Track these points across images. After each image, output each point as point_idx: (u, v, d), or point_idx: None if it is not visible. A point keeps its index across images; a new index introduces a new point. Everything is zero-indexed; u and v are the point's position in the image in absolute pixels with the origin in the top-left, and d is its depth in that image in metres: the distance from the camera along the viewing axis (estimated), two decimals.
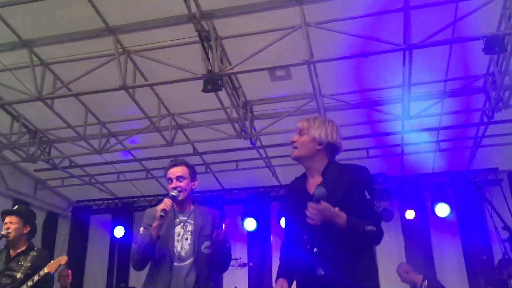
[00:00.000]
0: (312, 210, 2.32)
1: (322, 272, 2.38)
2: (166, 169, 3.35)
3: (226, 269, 3.33)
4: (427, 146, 7.27)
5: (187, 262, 3.13)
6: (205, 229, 3.21)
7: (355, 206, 2.39)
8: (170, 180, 3.29)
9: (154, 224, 3.03)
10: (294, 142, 2.61)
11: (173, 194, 3.19)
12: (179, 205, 3.31)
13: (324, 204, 2.31)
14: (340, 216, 2.33)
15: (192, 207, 3.36)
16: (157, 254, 3.14)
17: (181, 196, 3.24)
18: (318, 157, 2.58)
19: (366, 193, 2.43)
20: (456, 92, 5.78)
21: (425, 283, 6.24)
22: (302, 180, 2.68)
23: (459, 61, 5.39)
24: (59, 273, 7.45)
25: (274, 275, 7.56)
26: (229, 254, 3.30)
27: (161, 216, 3.01)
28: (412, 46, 4.62)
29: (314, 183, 2.53)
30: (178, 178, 3.27)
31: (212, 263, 3.22)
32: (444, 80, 5.75)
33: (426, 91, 5.89)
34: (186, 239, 3.20)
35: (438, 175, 8.10)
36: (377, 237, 2.41)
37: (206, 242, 3.18)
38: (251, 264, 7.60)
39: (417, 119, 6.00)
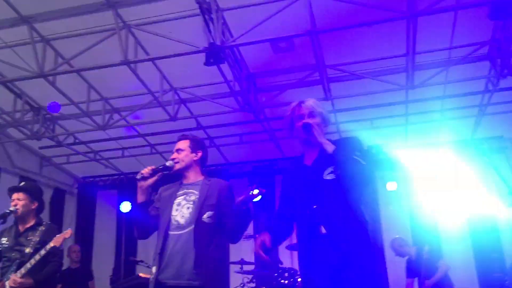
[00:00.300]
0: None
1: (324, 230, 2.61)
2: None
3: (238, 238, 3.25)
4: (431, 116, 7.24)
5: (186, 230, 3.10)
6: (209, 199, 3.18)
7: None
8: (172, 153, 3.38)
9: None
10: (307, 124, 2.80)
11: (167, 164, 3.31)
12: (184, 176, 3.36)
13: (316, 131, 2.75)
14: (329, 144, 2.71)
15: (200, 178, 3.36)
16: (159, 227, 3.23)
17: (176, 166, 3.31)
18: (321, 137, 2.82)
19: (357, 153, 2.67)
20: (461, 60, 5.72)
21: (426, 248, 6.37)
22: (300, 157, 2.96)
23: (464, 28, 5.31)
24: (69, 248, 7.58)
25: (281, 247, 7.63)
26: (245, 223, 3.20)
27: (137, 179, 3.20)
28: (416, 14, 4.56)
29: (311, 156, 2.85)
30: (177, 150, 3.37)
31: (225, 231, 3.17)
32: (449, 48, 5.68)
33: (430, 59, 5.83)
34: (188, 208, 3.18)
35: (443, 145, 8.08)
36: (367, 169, 2.64)
37: (208, 212, 3.14)
38: (257, 236, 7.65)
39: (421, 88, 5.96)
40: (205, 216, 3.12)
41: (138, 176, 3.21)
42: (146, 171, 3.23)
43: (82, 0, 4.94)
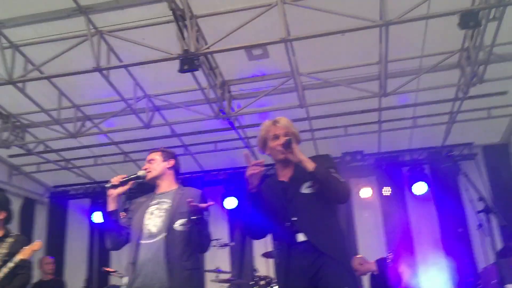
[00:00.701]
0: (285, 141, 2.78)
1: (303, 238, 2.66)
2: None
3: (205, 247, 3.23)
4: (404, 123, 7.36)
5: (158, 238, 3.08)
6: (181, 207, 3.14)
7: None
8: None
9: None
10: (290, 140, 2.80)
11: (139, 173, 3.33)
12: (157, 185, 3.37)
13: (296, 147, 2.76)
14: (309, 161, 2.71)
15: (173, 188, 3.36)
16: (131, 237, 3.22)
17: (149, 175, 3.33)
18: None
19: (332, 170, 2.76)
20: (432, 68, 5.83)
21: (390, 255, 6.41)
22: (273, 175, 3.04)
23: (434, 37, 5.42)
24: (41, 260, 7.39)
25: (256, 255, 7.62)
26: (206, 232, 3.18)
27: (107, 187, 3.23)
28: (388, 23, 4.63)
29: (286, 174, 2.91)
30: (149, 161, 3.41)
31: (192, 242, 3.14)
32: (420, 56, 5.79)
33: (402, 67, 5.93)
34: (160, 216, 3.17)
35: (415, 151, 8.24)
36: (344, 186, 2.72)
37: (180, 220, 3.10)
38: (232, 243, 7.62)
39: (394, 96, 6.06)
40: (177, 224, 3.10)
41: (108, 185, 3.22)
42: (116, 179, 3.23)
43: (53, 5, 4.85)
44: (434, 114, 7.09)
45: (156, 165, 3.37)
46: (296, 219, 2.70)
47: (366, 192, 8.26)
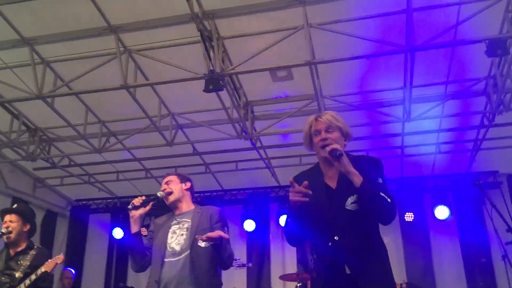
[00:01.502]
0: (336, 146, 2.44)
1: (348, 271, 2.39)
2: None
3: (227, 264, 3.24)
4: (427, 149, 7.28)
5: (182, 255, 3.14)
6: (202, 224, 3.23)
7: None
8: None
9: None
10: (324, 140, 2.55)
11: (158, 194, 3.37)
12: (176, 206, 3.42)
13: (345, 159, 2.40)
14: (357, 175, 2.39)
15: (192, 208, 3.43)
16: (153, 256, 3.25)
17: (170, 198, 3.39)
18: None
19: (380, 180, 2.45)
20: (457, 95, 5.79)
21: (404, 284, 6.29)
22: (316, 172, 2.66)
23: (460, 63, 5.40)
24: (62, 273, 7.46)
25: (273, 276, 7.56)
26: (228, 249, 3.21)
27: (128, 209, 3.24)
28: (414, 48, 4.63)
29: (332, 176, 2.56)
30: (166, 182, 3.46)
31: (215, 258, 3.18)
32: (446, 82, 5.75)
33: (427, 93, 5.89)
34: (182, 235, 3.23)
35: (438, 178, 8.11)
36: (391, 209, 2.41)
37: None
38: (250, 264, 7.58)
39: (417, 121, 6.01)
40: (200, 240, 3.13)
41: (130, 206, 3.25)
42: (137, 200, 3.27)
43: (84, 24, 5.00)
44: (458, 140, 6.99)
45: (175, 185, 3.43)
46: (337, 239, 2.43)
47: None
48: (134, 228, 3.26)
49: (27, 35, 5.13)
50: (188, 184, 3.50)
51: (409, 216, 7.91)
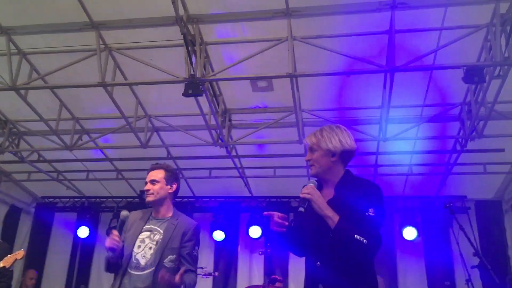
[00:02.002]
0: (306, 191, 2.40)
1: None
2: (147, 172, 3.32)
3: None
4: (400, 169, 7.37)
5: (146, 271, 3.00)
6: (173, 242, 3.08)
7: (354, 218, 2.31)
8: (145, 183, 3.24)
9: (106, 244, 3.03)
10: (309, 160, 2.55)
11: (121, 215, 3.17)
12: (154, 209, 3.25)
13: (318, 203, 2.36)
14: (332, 213, 2.32)
15: (169, 214, 3.24)
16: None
17: (149, 198, 3.19)
18: (334, 169, 2.52)
19: (371, 210, 2.33)
20: (432, 118, 5.88)
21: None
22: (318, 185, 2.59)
23: (438, 87, 5.50)
24: (26, 273, 7.27)
25: (239, 287, 7.45)
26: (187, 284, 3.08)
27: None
28: (394, 69, 4.70)
29: (328, 194, 2.49)
30: (152, 181, 3.21)
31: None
32: (422, 105, 5.85)
33: (403, 114, 5.98)
34: (150, 248, 3.07)
35: (408, 199, 8.21)
36: (368, 250, 2.29)
37: (170, 256, 3.05)
38: (216, 273, 7.48)
39: (392, 142, 6.08)
40: (166, 260, 3.04)
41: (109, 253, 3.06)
42: (109, 243, 3.03)
43: (66, 17, 4.90)
44: (431, 163, 7.11)
45: (159, 188, 3.19)
46: (319, 264, 2.38)
47: None
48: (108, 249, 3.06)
49: (5, 24, 5.00)
50: (174, 187, 3.25)
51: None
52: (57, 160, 7.68)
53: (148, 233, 3.15)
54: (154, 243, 3.08)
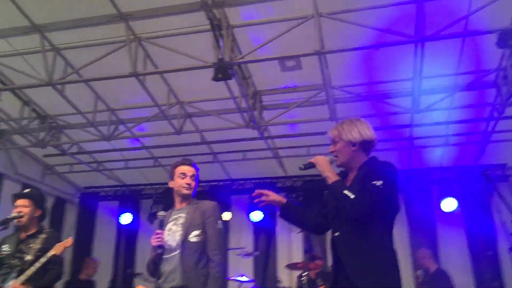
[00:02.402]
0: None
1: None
2: (178, 164, 3.61)
3: None
4: (436, 140, 7.24)
5: (176, 252, 3.32)
6: (195, 220, 3.40)
7: (359, 186, 2.61)
8: (183, 175, 3.54)
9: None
10: (333, 152, 2.86)
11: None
12: (179, 201, 3.58)
13: (322, 166, 2.77)
14: (332, 175, 2.71)
15: (190, 202, 3.56)
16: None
17: (189, 191, 3.54)
18: (356, 158, 2.82)
19: (378, 182, 2.56)
20: (467, 87, 5.75)
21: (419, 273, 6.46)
22: (342, 176, 2.86)
23: (471, 55, 5.34)
24: (88, 261, 7.77)
25: (279, 265, 7.60)
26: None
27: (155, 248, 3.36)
28: (424, 38, 4.60)
29: (350, 178, 2.82)
30: (192, 176, 3.57)
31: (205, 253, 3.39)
32: (455, 74, 5.71)
33: (436, 84, 5.86)
34: (177, 231, 3.40)
35: (446, 169, 8.07)
36: (354, 205, 2.54)
37: (195, 231, 3.36)
38: (257, 253, 7.63)
39: (426, 113, 5.98)
40: (191, 235, 3.34)
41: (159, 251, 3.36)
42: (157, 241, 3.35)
43: (95, 11, 5.01)
44: (467, 133, 6.96)
45: (195, 184, 3.57)
46: (337, 234, 2.73)
47: None
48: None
49: (37, 22, 5.15)
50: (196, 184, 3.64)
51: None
52: (97, 151, 7.92)
53: (173, 222, 3.48)
54: (180, 226, 3.41)
